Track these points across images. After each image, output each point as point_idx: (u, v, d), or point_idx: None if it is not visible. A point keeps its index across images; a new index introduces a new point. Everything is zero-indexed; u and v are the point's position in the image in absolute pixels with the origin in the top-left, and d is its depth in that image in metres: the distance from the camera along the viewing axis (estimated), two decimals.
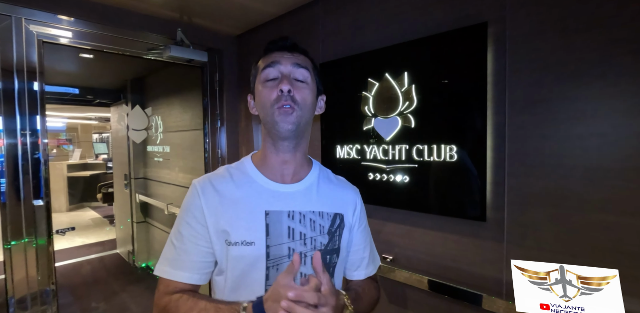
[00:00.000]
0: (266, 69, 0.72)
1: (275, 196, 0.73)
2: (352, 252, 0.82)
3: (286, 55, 0.73)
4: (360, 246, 0.83)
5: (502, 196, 1.10)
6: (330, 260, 0.75)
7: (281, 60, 0.72)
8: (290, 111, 0.69)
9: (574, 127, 0.97)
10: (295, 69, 0.72)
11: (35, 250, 1.57)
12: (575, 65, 0.96)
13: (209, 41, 2.16)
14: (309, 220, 0.73)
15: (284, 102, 0.69)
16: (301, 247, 0.72)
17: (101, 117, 7.63)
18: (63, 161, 6.74)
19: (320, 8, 1.69)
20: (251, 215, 0.70)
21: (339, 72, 1.57)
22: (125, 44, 1.87)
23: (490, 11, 1.12)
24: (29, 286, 1.57)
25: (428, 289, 1.26)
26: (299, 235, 0.72)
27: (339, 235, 0.77)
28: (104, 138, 9.12)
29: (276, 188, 0.74)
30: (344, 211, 0.79)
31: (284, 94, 0.69)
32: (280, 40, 0.75)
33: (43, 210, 1.59)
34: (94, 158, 7.64)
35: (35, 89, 1.56)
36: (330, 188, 0.81)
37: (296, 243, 0.71)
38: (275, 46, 0.75)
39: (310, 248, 0.72)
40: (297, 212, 0.73)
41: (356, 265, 0.84)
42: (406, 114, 1.31)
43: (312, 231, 0.73)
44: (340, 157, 1.55)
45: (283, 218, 0.71)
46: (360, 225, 0.83)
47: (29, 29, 1.54)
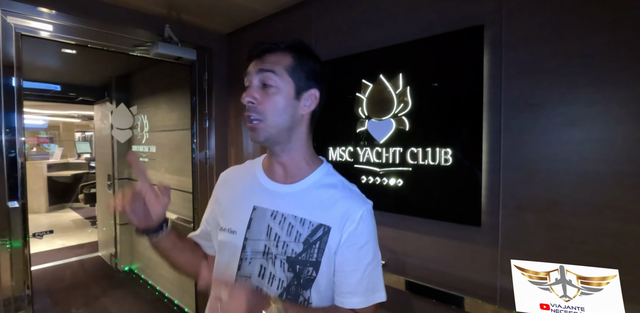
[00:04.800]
0: (244, 79, 0.73)
1: (266, 194, 0.75)
2: (339, 273, 0.71)
3: (259, 62, 0.71)
4: (347, 269, 0.71)
5: (497, 201, 1.09)
6: (304, 273, 0.69)
7: (251, 69, 0.71)
8: (255, 126, 0.69)
9: (569, 132, 0.96)
10: (261, 75, 0.69)
11: (10, 253, 1.49)
12: (572, 69, 0.96)
13: (198, 38, 2.10)
14: (287, 223, 0.71)
15: (247, 114, 0.70)
16: (274, 248, 0.71)
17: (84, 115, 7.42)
18: (43, 160, 6.51)
19: (312, 7, 1.66)
20: (242, 206, 0.75)
21: (331, 73, 1.54)
22: (110, 39, 1.79)
23: (486, 14, 1.11)
24: (2, 291, 1.48)
25: (417, 293, 1.24)
26: (274, 236, 0.71)
27: (318, 248, 0.69)
28: (86, 136, 8.87)
29: (270, 186, 0.76)
30: (333, 224, 0.70)
31: (247, 106, 0.70)
32: (254, 47, 0.73)
33: (19, 211, 1.50)
34: (76, 158, 7.41)
35: (13, 85, 1.47)
36: (328, 196, 0.73)
37: (271, 243, 0.71)
38: (250, 55, 0.74)
39: (281, 252, 0.70)
40: (280, 213, 0.72)
41: (340, 289, 0.72)
42: (400, 116, 1.29)
43: (287, 235, 0.70)
44: (333, 159, 1.52)
45: (266, 215, 0.73)
46: (353, 244, 0.70)
47: (7, 20, 1.46)
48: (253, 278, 0.72)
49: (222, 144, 2.24)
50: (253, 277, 0.71)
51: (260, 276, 0.71)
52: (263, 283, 0.71)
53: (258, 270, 0.71)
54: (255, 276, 0.71)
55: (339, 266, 0.71)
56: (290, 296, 0.70)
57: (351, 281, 0.71)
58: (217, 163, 2.23)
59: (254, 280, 0.72)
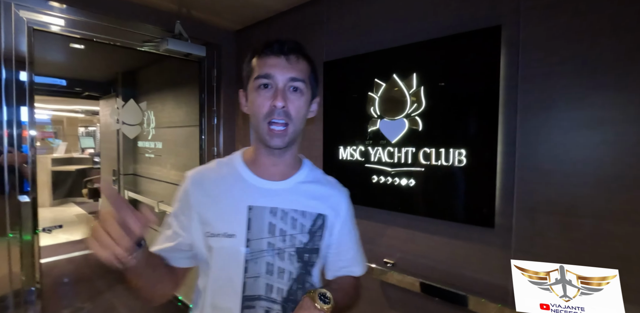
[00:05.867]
0: (261, 78, 0.71)
1: (260, 192, 0.76)
2: (335, 254, 0.84)
3: (282, 63, 0.72)
4: (344, 248, 0.85)
5: (511, 203, 1.09)
6: (309, 259, 0.78)
7: (276, 71, 0.71)
8: (283, 133, 0.72)
9: (587, 134, 0.96)
10: (292, 83, 0.72)
11: (20, 247, 1.49)
12: (590, 71, 0.95)
13: (207, 35, 2.09)
14: (290, 217, 0.76)
15: (277, 117, 0.71)
16: (280, 243, 0.74)
17: (88, 110, 7.41)
18: (47, 154, 6.53)
19: (325, 5, 1.65)
20: (234, 208, 0.74)
21: (343, 71, 1.53)
22: (120, 34, 1.79)
23: (504, 15, 1.10)
24: (13, 284, 1.49)
25: (428, 294, 1.24)
26: (279, 232, 0.75)
27: (319, 236, 0.79)
28: (90, 131, 8.88)
29: (262, 184, 0.77)
30: (327, 212, 0.80)
31: (277, 110, 0.70)
32: (278, 43, 0.73)
33: (29, 205, 1.51)
34: (80, 152, 7.43)
35: (25, 80, 1.47)
36: (317, 189, 0.82)
37: (276, 239, 0.74)
38: (271, 50, 0.72)
39: (289, 245, 0.75)
40: (280, 209, 0.75)
41: (339, 266, 0.85)
42: (414, 116, 1.28)
43: (292, 229, 0.76)
44: (343, 158, 1.52)
45: (265, 213, 0.74)
46: (344, 227, 0.84)
47: (19, 15, 1.46)
48: (262, 277, 0.74)
49: (230, 142, 2.23)
50: (261, 275, 0.74)
51: (269, 273, 0.74)
52: (272, 279, 0.74)
53: (265, 268, 0.74)
54: (264, 274, 0.74)
55: (338, 247, 0.84)
56: (299, 284, 0.77)
57: (349, 256, 0.86)
58: None
59: (262, 278, 0.74)
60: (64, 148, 7.05)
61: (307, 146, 1.73)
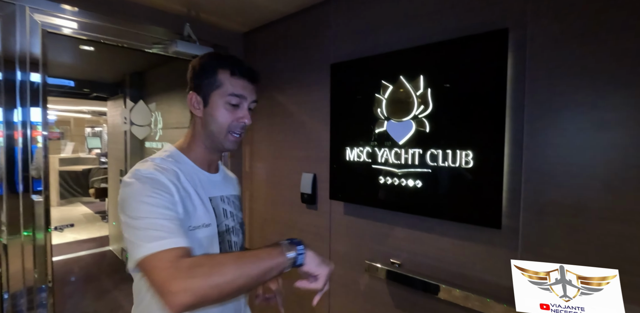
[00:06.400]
0: (234, 97, 0.85)
1: (211, 184, 0.90)
2: None
3: (251, 87, 0.88)
4: None
5: (517, 204, 1.09)
6: (243, 229, 0.99)
7: (247, 94, 0.86)
8: (238, 140, 0.89)
9: (594, 136, 0.96)
10: (252, 104, 0.90)
11: (33, 245, 1.52)
12: (598, 73, 0.95)
13: (214, 37, 2.12)
14: (232, 201, 0.95)
15: (240, 130, 0.88)
16: (232, 223, 0.92)
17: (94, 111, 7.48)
18: (55, 154, 6.60)
19: (332, 7, 1.67)
20: (202, 201, 0.84)
21: (350, 73, 1.55)
22: (130, 36, 1.82)
23: (511, 17, 1.11)
24: (26, 282, 1.52)
25: (435, 295, 1.25)
26: (229, 214, 0.92)
27: (241, 210, 1.02)
28: (97, 132, 8.97)
29: (211, 177, 0.92)
30: (239, 192, 1.06)
31: (243, 125, 0.87)
32: (250, 71, 0.87)
33: (41, 204, 1.54)
34: (86, 153, 7.50)
35: (38, 81, 1.50)
36: (229, 176, 1.04)
37: (229, 220, 0.91)
38: (245, 75, 0.86)
39: (236, 223, 0.94)
40: (225, 196, 0.93)
41: None
42: (421, 118, 1.29)
43: (235, 209, 0.96)
44: (350, 159, 1.53)
45: (219, 201, 0.90)
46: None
47: (33, 18, 1.49)
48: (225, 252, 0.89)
49: None
50: (227, 251, 0.89)
51: (230, 248, 0.90)
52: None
53: (228, 245, 0.89)
54: (228, 249, 0.89)
55: None
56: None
57: None
58: (231, 160, 2.25)
59: None
60: (71, 148, 7.12)
61: (314, 146, 1.74)
